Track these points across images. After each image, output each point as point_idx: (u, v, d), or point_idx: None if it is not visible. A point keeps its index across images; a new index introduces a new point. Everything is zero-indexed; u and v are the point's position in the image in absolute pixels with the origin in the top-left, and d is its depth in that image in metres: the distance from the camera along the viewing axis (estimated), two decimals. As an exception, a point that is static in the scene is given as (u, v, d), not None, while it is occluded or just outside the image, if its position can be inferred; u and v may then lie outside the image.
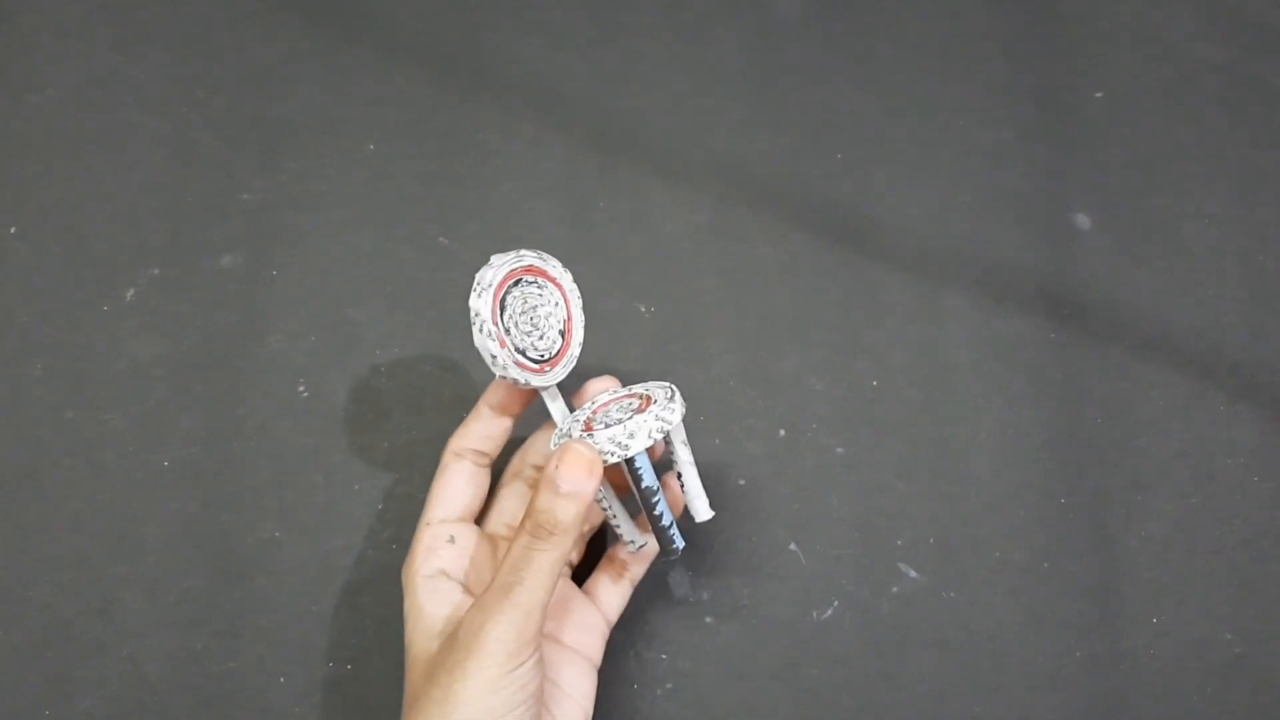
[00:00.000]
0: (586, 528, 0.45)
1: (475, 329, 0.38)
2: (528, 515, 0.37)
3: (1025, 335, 0.52)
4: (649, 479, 0.39)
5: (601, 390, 0.42)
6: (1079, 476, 0.50)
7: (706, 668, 0.46)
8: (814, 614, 0.47)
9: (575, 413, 0.41)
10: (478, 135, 0.54)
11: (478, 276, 0.38)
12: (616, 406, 0.40)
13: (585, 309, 0.42)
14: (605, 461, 0.37)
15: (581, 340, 0.41)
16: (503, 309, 0.39)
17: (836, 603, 0.47)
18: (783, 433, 0.50)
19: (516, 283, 0.39)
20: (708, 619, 0.47)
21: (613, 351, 0.51)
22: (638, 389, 0.41)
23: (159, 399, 0.48)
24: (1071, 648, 0.47)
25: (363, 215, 0.52)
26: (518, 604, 0.36)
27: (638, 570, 0.44)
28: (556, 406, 0.41)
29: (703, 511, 0.41)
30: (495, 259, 0.39)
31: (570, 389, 0.43)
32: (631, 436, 0.37)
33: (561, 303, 0.41)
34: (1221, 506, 0.50)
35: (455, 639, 0.37)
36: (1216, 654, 0.47)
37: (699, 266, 0.52)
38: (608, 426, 0.38)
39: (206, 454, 0.48)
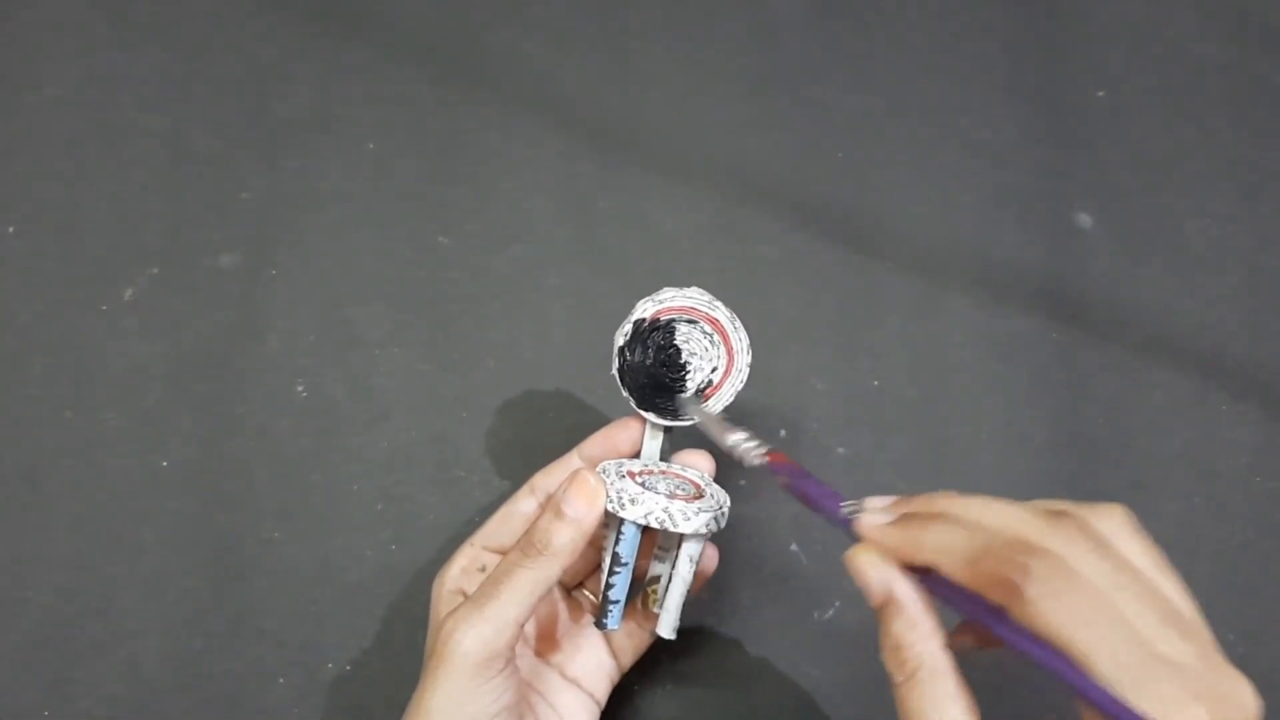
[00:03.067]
0: (568, 574, 0.43)
1: (617, 335, 0.40)
2: (526, 533, 0.37)
3: (1027, 335, 0.52)
4: (627, 552, 0.38)
5: (694, 463, 0.41)
6: (1080, 476, 0.49)
7: (707, 668, 0.46)
8: (815, 614, 0.47)
9: (637, 462, 0.41)
10: (478, 135, 0.54)
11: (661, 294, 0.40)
12: (675, 480, 0.40)
13: (588, 311, 0.42)
14: (608, 505, 0.37)
15: (728, 401, 0.41)
16: (662, 334, 0.40)
17: (838, 603, 0.47)
18: (783, 433, 0.49)
19: (692, 322, 0.40)
20: (708, 619, 0.47)
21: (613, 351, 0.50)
22: (701, 481, 0.40)
23: (158, 399, 0.48)
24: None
25: (362, 214, 0.52)
26: (489, 617, 0.35)
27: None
28: (649, 445, 0.41)
29: (667, 629, 0.39)
30: (666, 291, 0.40)
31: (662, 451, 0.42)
32: (668, 513, 0.37)
33: (719, 358, 0.41)
34: (1224, 506, 0.49)
35: (433, 646, 0.37)
36: (1219, 654, 0.47)
37: (699, 266, 0.52)
38: (645, 489, 0.38)
39: (205, 454, 0.48)
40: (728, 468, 0.42)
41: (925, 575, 0.31)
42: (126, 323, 0.49)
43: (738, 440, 0.37)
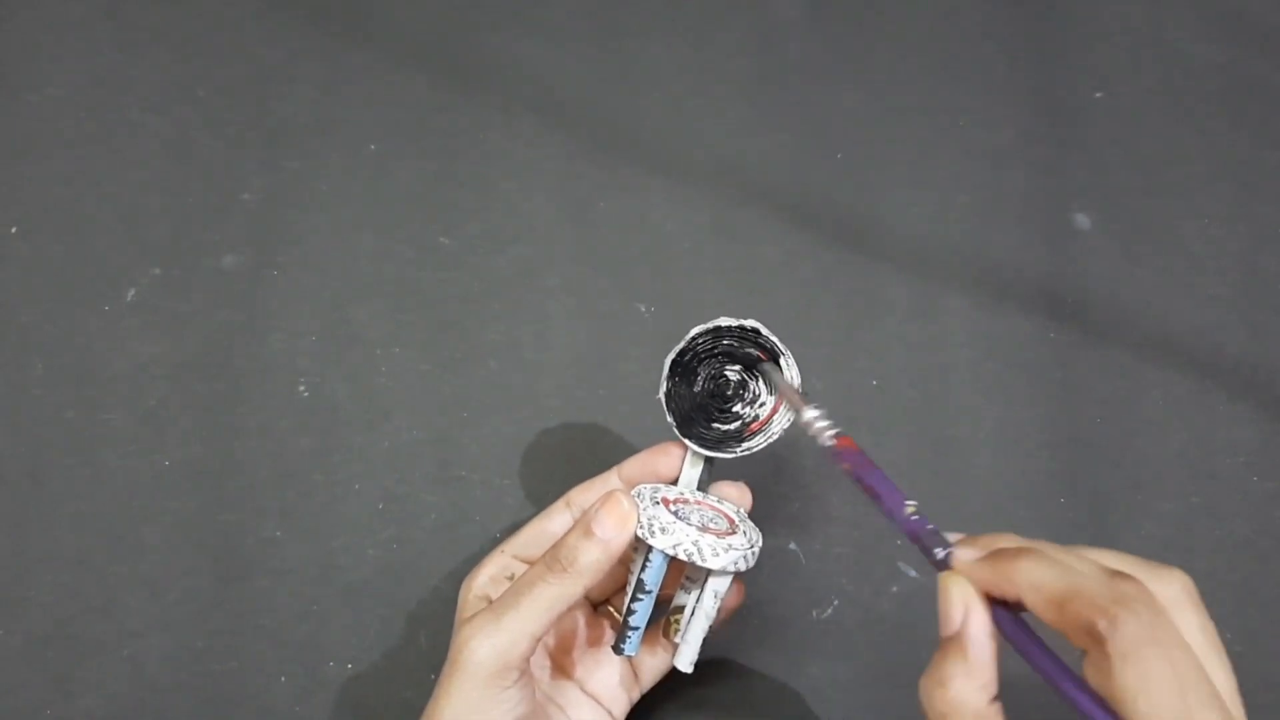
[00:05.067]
0: (596, 590, 0.43)
1: (667, 359, 0.39)
2: (552, 548, 0.37)
3: (1025, 335, 0.52)
4: (652, 581, 0.38)
5: (732, 496, 0.41)
6: (1078, 476, 0.50)
7: (706, 667, 0.46)
8: (814, 613, 0.47)
9: (673, 489, 0.40)
10: (478, 135, 0.54)
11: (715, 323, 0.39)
12: (709, 512, 0.39)
13: (588, 311, 0.42)
14: (638, 531, 0.37)
15: (774, 437, 0.40)
16: (714, 364, 0.40)
17: (837, 602, 0.47)
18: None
19: (746, 354, 0.39)
20: (708, 618, 0.47)
21: (613, 351, 0.51)
22: (736, 516, 0.40)
23: (159, 399, 0.48)
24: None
25: (363, 215, 0.52)
26: (506, 628, 0.35)
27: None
28: (688, 473, 0.40)
29: (685, 662, 0.39)
30: (722, 320, 0.39)
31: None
32: (698, 546, 0.37)
33: (768, 394, 0.40)
34: (1221, 506, 0.50)
35: (449, 653, 0.37)
36: (1216, 653, 0.47)
37: (699, 266, 0.52)
38: (677, 519, 0.37)
39: (207, 453, 0.48)
40: (721, 474, 0.42)
41: (1003, 614, 0.31)
42: (129, 323, 0.50)
43: (814, 417, 0.37)
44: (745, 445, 0.40)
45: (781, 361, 0.39)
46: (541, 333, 0.51)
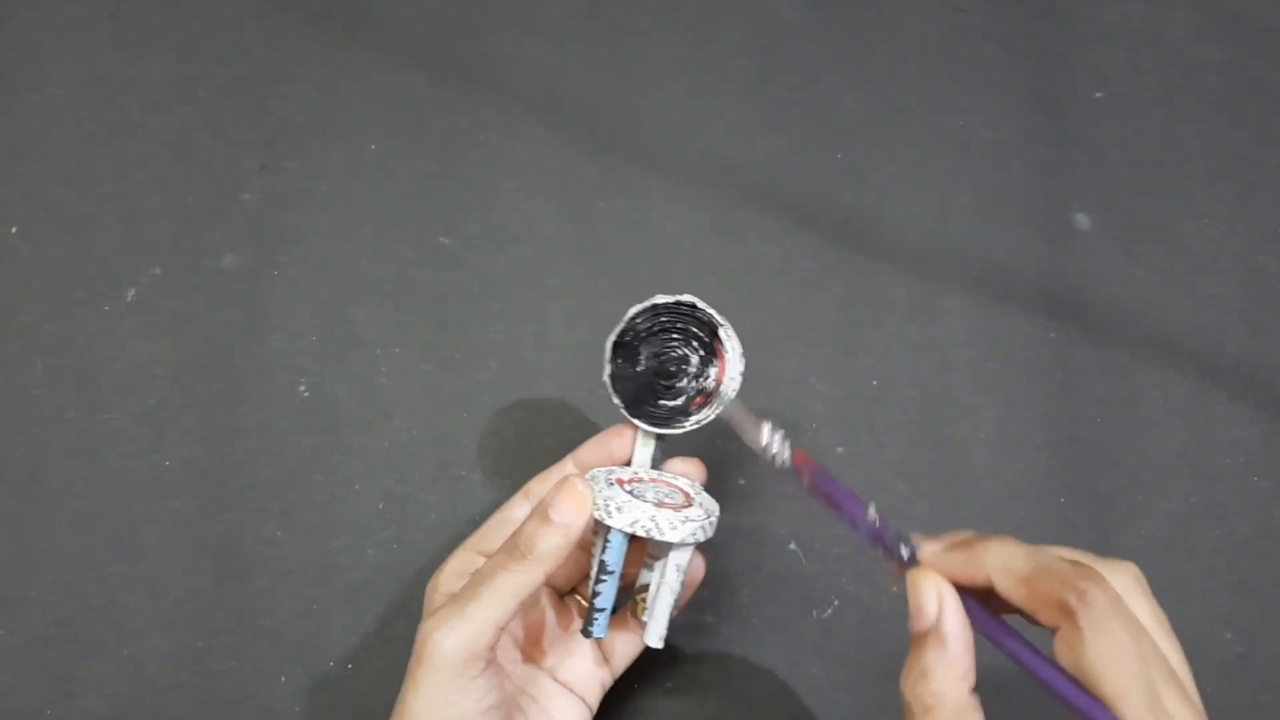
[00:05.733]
0: (561, 579, 0.44)
1: (608, 341, 0.40)
2: (511, 536, 0.37)
3: (1025, 335, 0.52)
4: (613, 560, 0.38)
5: (685, 471, 0.42)
6: (1078, 476, 0.50)
7: (707, 667, 0.46)
8: (814, 613, 0.47)
9: (627, 470, 0.41)
10: (478, 135, 0.54)
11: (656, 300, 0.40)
12: (664, 488, 0.40)
13: (588, 311, 0.42)
14: (595, 512, 0.37)
15: (721, 408, 0.40)
16: (655, 342, 0.40)
17: (837, 602, 0.47)
18: (782, 432, 0.50)
19: (685, 330, 0.40)
20: (708, 618, 0.47)
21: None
22: (691, 489, 0.40)
23: (160, 399, 0.48)
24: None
25: (363, 215, 0.52)
26: (469, 618, 0.36)
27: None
28: (641, 453, 0.41)
29: (655, 638, 0.39)
30: (658, 298, 0.40)
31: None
32: (655, 521, 0.37)
33: (712, 367, 0.40)
34: (1221, 506, 0.50)
35: (414, 649, 0.37)
36: (1217, 653, 0.47)
37: (699, 266, 0.52)
38: (633, 497, 0.38)
39: (207, 453, 0.48)
40: (720, 474, 0.42)
41: (973, 602, 0.32)
42: (129, 323, 0.50)
43: (767, 441, 0.37)
44: (694, 419, 0.40)
45: (721, 332, 0.40)
46: (541, 333, 0.51)
